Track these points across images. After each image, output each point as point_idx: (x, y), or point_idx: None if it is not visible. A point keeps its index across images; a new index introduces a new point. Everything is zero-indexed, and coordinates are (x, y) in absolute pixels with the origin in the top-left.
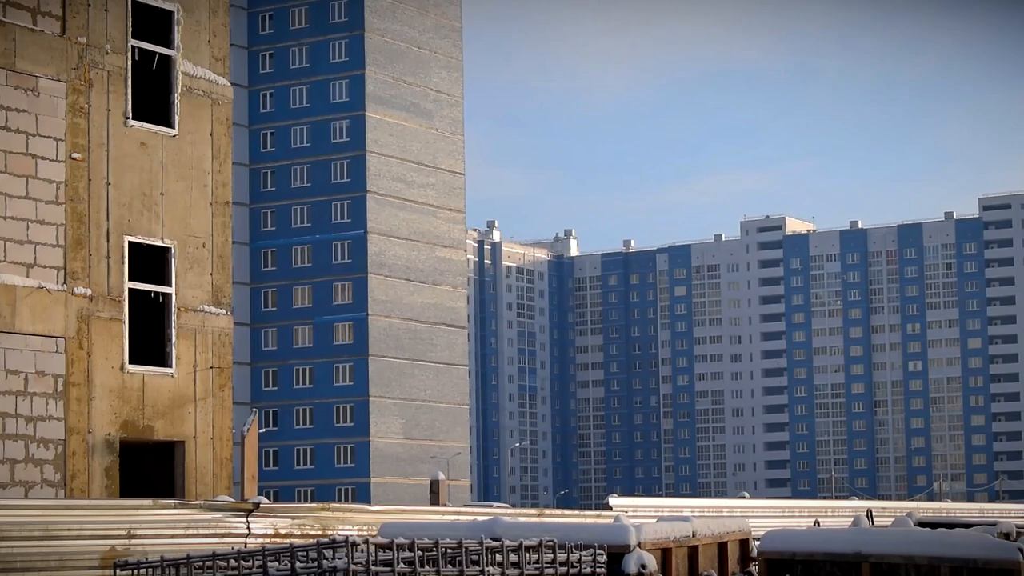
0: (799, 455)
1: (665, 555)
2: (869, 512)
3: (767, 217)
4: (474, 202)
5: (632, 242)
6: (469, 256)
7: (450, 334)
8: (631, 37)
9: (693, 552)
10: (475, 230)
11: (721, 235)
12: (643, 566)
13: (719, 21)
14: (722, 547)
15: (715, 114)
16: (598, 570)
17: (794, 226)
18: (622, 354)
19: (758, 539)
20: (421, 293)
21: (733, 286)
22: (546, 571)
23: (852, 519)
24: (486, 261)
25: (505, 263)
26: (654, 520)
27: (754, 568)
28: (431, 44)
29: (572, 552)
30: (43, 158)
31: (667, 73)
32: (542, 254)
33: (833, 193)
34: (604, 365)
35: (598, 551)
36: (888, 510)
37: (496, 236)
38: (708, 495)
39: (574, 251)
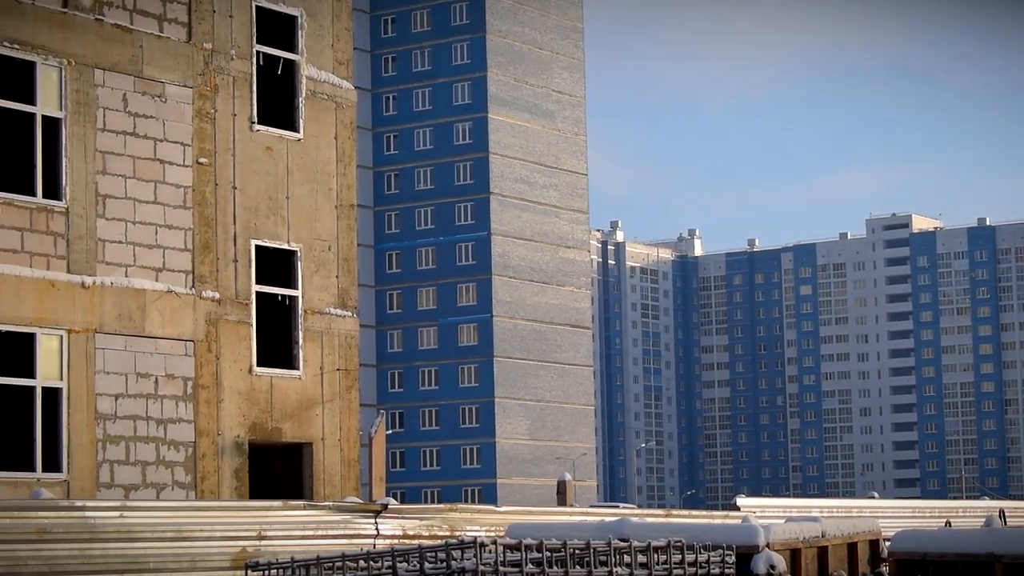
0: (928, 455)
1: (794, 556)
2: (1001, 512)
3: (893, 215)
4: (597, 202)
5: (756, 241)
6: (593, 257)
7: (574, 335)
8: (755, 34)
9: (823, 553)
10: (598, 230)
11: (847, 233)
12: (772, 566)
13: (847, 17)
14: (852, 548)
15: (840, 111)
16: (727, 571)
17: (921, 223)
18: (748, 353)
19: (888, 540)
20: (545, 294)
21: (859, 284)
22: (674, 572)
23: (984, 519)
24: (610, 261)
25: (629, 263)
26: (782, 520)
27: (885, 569)
28: (552, 45)
29: (700, 553)
30: (170, 163)
31: (792, 70)
32: (666, 254)
33: (960, 190)
34: (730, 365)
35: (726, 551)
36: (1021, 510)
37: (619, 236)
38: (836, 495)
39: (698, 251)
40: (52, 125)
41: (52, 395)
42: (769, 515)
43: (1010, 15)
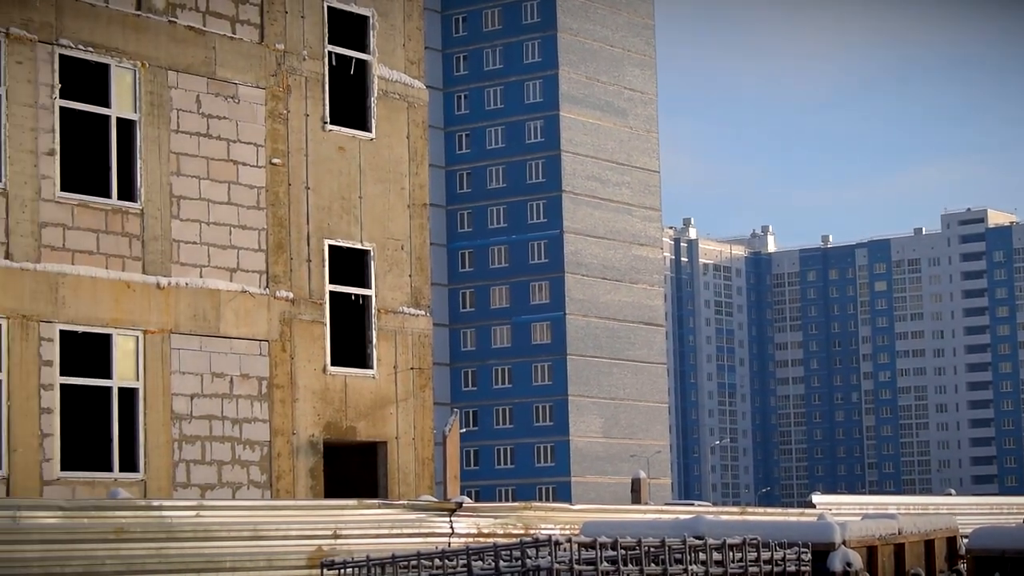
0: (1006, 451)
1: (871, 553)
2: None
3: (968, 210)
4: (669, 199)
5: (830, 237)
6: (665, 254)
7: (648, 332)
8: (828, 28)
9: (899, 550)
10: (671, 228)
11: (921, 229)
12: (849, 564)
13: (920, 12)
14: (929, 545)
15: (915, 106)
16: (803, 568)
17: (996, 219)
18: (822, 350)
19: (966, 537)
20: (618, 292)
21: (934, 280)
22: (750, 570)
23: None
24: (682, 259)
25: (702, 260)
26: (858, 518)
27: (962, 566)
28: (624, 42)
29: (776, 550)
30: (244, 164)
31: (864, 65)
32: (739, 251)
33: None
34: (804, 362)
35: (802, 549)
36: None
37: (692, 233)
38: (912, 492)
39: (771, 247)
40: (127, 127)
41: (128, 395)
42: (845, 512)
43: None
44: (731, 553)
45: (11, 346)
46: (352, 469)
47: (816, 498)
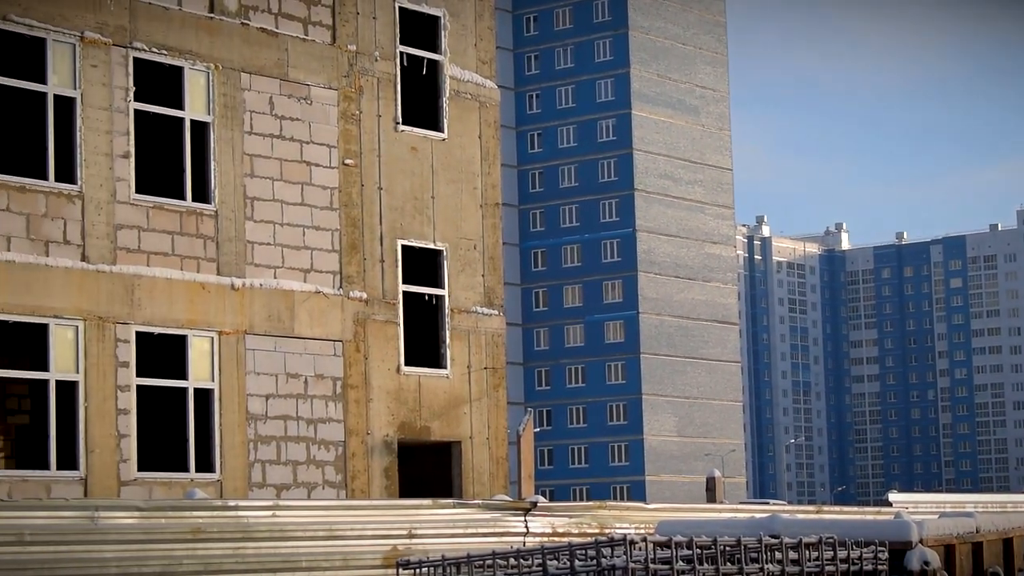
0: None
1: (948, 551)
2: None
3: None
4: (742, 197)
5: (905, 234)
6: (739, 252)
7: (721, 331)
8: (902, 25)
9: (977, 548)
10: (744, 225)
11: (997, 225)
12: (926, 563)
13: (993, 9)
14: (1008, 543)
15: (989, 101)
16: (880, 567)
17: None
18: (897, 348)
19: None
20: (691, 290)
21: (1011, 276)
22: (827, 568)
23: None
24: (756, 256)
25: (775, 258)
26: (935, 516)
27: None
28: (695, 40)
29: (852, 549)
30: (317, 165)
31: (939, 61)
32: (813, 248)
33: None
34: (879, 359)
35: (879, 548)
36: None
37: (765, 231)
38: (990, 490)
39: (845, 244)
40: (200, 129)
41: (204, 396)
42: (922, 511)
43: None
44: (807, 552)
45: (88, 348)
46: (426, 469)
47: (892, 496)
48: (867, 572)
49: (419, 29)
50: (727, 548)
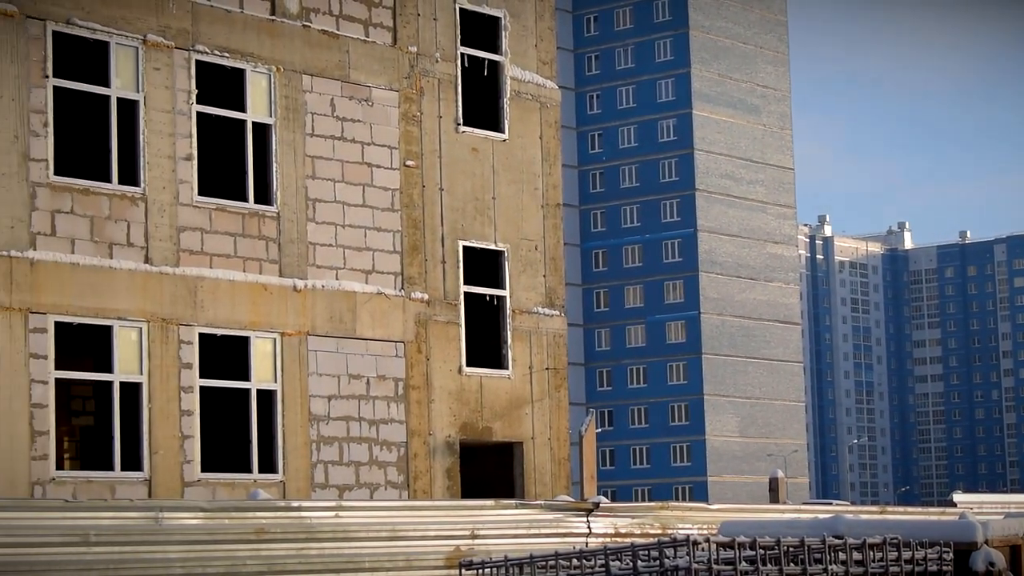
0: None
1: (1014, 552)
2: None
3: None
4: (804, 197)
5: (968, 233)
6: (801, 251)
7: (783, 331)
8: (966, 22)
9: None
10: (806, 225)
11: None
12: (991, 563)
13: None
14: None
15: None
16: (944, 568)
17: None
18: (961, 347)
19: None
20: (753, 290)
21: None
22: (891, 569)
23: None
24: (818, 256)
25: (838, 258)
26: (1000, 516)
27: None
28: (756, 39)
29: (917, 550)
30: (378, 166)
31: (1003, 58)
32: (875, 247)
33: None
34: (942, 359)
35: (944, 549)
36: None
37: (827, 231)
38: None
39: (908, 244)
40: (262, 131)
41: (267, 397)
42: (987, 511)
43: None
44: (871, 553)
45: (151, 349)
46: (488, 469)
47: (957, 497)
48: (931, 573)
49: (480, 30)
50: (790, 549)
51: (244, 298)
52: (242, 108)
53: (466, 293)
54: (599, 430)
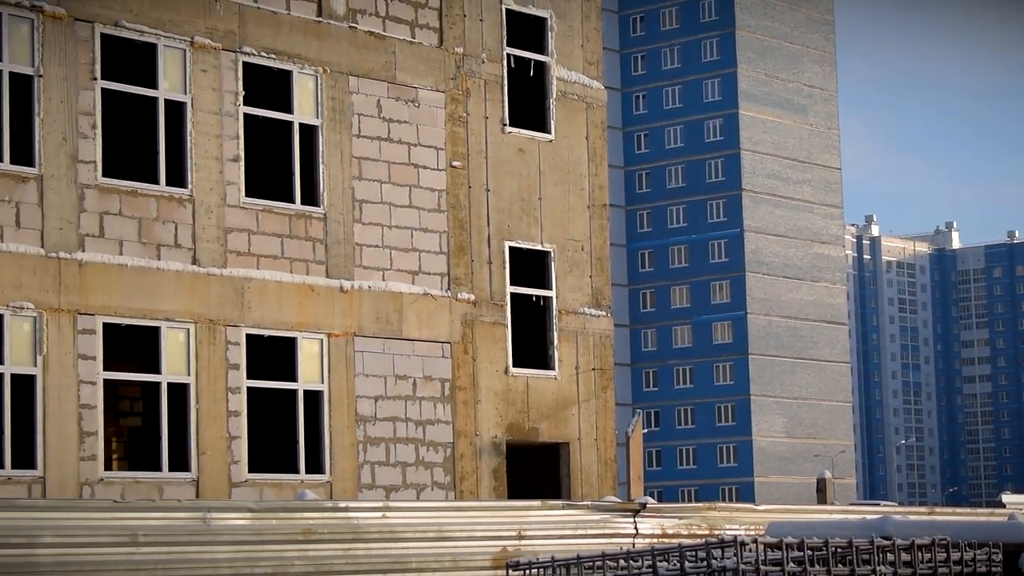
0: None
1: None
2: None
3: None
4: (851, 197)
5: (1017, 233)
6: (848, 252)
7: (830, 331)
8: (1012, 19)
9: None
10: (853, 225)
11: None
12: None
13: None
14: None
15: None
16: (993, 569)
17: None
18: (1010, 347)
19: None
20: (800, 290)
21: None
22: (940, 570)
23: None
24: (865, 256)
25: (885, 257)
26: None
27: None
28: (803, 39)
29: (966, 551)
30: (424, 167)
31: None
32: (923, 247)
33: None
34: (991, 359)
35: (992, 550)
36: None
37: (875, 231)
38: None
39: (956, 243)
40: (309, 132)
41: (314, 398)
42: None
43: None
44: (920, 554)
45: (199, 350)
46: (534, 470)
47: (1006, 498)
48: (980, 574)
49: (526, 31)
50: (838, 550)
51: (291, 299)
52: (289, 109)
53: (512, 294)
54: (645, 431)
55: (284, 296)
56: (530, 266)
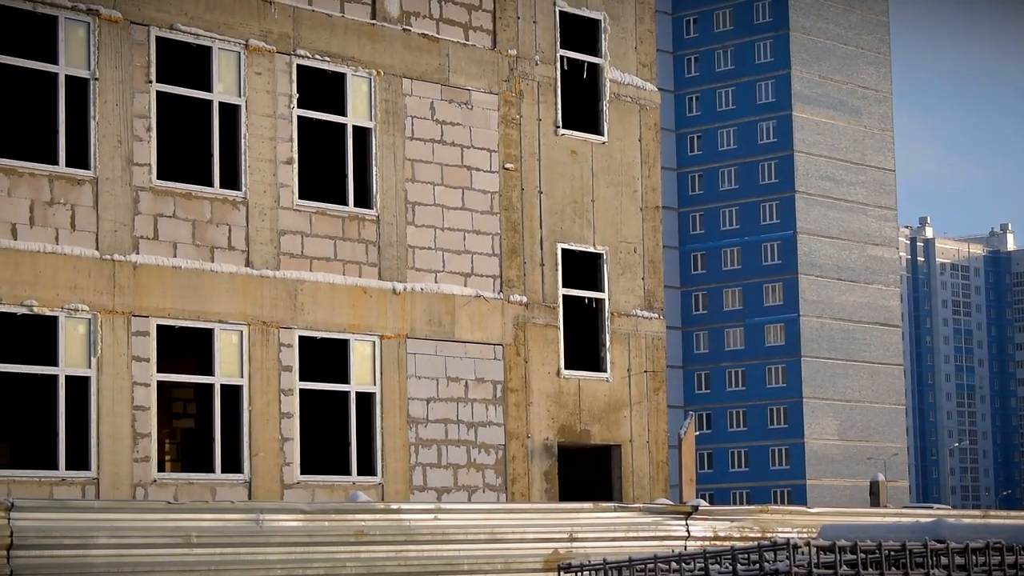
0: None
1: None
2: None
3: None
4: (905, 198)
5: None
6: (901, 254)
7: (883, 333)
8: None
9: None
10: (907, 227)
11: None
12: None
13: None
14: None
15: None
16: None
17: None
18: None
19: None
20: (853, 292)
21: None
22: (994, 574)
23: None
24: (919, 258)
25: (939, 260)
26: None
27: None
28: (857, 40)
29: (1020, 554)
30: (477, 169)
31: None
32: (977, 249)
33: None
34: None
35: None
36: None
37: (929, 232)
38: None
39: (1010, 245)
40: (362, 135)
41: (366, 400)
42: None
43: None
44: (974, 557)
45: (252, 352)
46: (586, 472)
47: None
48: None
49: (579, 33)
50: (891, 553)
51: (344, 301)
52: (342, 112)
53: (564, 296)
54: (697, 433)
55: (337, 298)
56: (582, 268)
